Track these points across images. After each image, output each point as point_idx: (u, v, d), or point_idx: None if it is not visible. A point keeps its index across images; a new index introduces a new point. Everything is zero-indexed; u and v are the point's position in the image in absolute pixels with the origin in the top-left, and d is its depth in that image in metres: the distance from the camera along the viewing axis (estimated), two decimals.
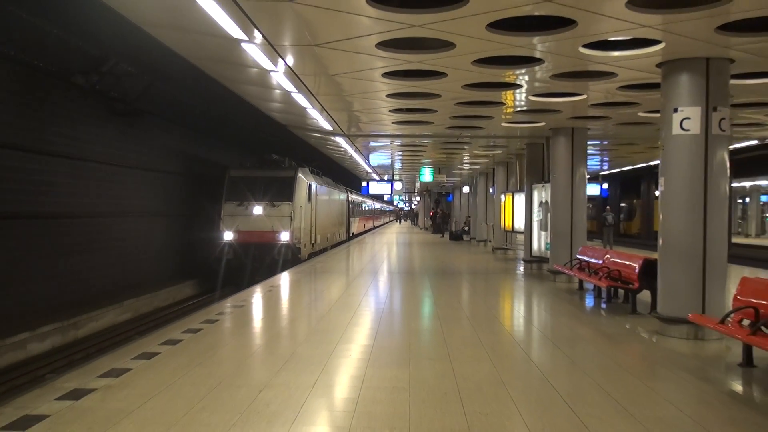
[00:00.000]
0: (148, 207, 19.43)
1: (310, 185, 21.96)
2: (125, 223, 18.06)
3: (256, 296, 11.21)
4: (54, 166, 14.46)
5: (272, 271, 17.21)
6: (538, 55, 7.90)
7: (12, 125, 13.08)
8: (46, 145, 14.12)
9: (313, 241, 22.66)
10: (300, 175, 20.94)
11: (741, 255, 25.62)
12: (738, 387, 5.79)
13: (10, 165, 13.03)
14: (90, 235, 16.03)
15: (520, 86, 9.92)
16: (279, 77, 9.52)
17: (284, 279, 14.05)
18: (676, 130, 7.67)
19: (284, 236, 19.55)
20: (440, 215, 42.58)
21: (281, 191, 20.14)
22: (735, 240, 34.14)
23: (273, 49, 7.83)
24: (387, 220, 78.35)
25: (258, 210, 19.78)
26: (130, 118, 17.73)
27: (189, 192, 22.49)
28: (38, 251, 13.94)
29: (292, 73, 9.20)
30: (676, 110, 7.68)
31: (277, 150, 22.55)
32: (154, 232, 19.92)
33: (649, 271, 9.05)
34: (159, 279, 19.46)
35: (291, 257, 19.42)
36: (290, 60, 8.45)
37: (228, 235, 19.60)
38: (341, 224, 32.03)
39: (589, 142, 14.79)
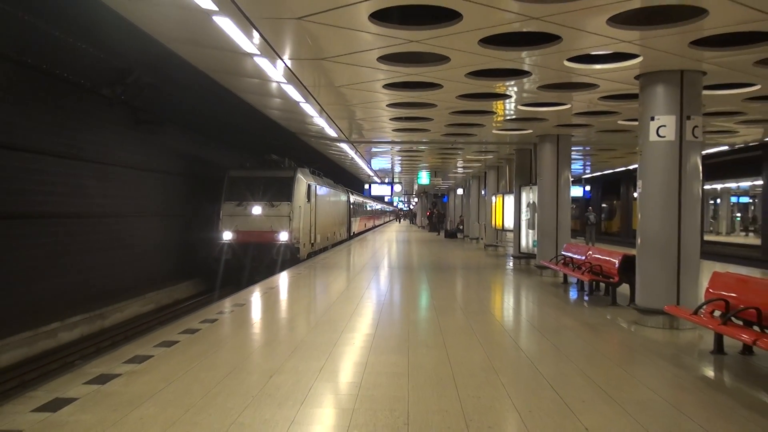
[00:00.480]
0: (166, 208, 19.25)
1: (309, 185, 20.47)
2: (148, 223, 18.02)
3: (266, 291, 11.21)
4: (84, 170, 14.51)
5: (271, 270, 16.04)
6: (526, 68, 7.91)
7: (48, 133, 13.14)
8: (79, 152, 14.18)
9: (312, 241, 21.13)
10: (299, 175, 19.48)
11: (713, 251, 25.65)
12: (710, 373, 5.80)
13: (47, 169, 13.12)
14: (113, 234, 16.05)
15: (510, 96, 9.92)
16: (288, 88, 9.53)
17: (290, 275, 14.04)
18: (652, 136, 7.68)
19: (283, 236, 18.10)
20: (436, 215, 42.56)
21: (280, 191, 18.68)
22: (707, 238, 34.18)
23: (283, 63, 7.84)
24: (387, 219, 77.33)
25: (257, 210, 18.37)
26: (151, 126, 17.72)
27: (204, 193, 21.92)
28: (72, 247, 14.04)
29: (300, 85, 9.21)
30: (652, 118, 7.69)
31: (284, 155, 21.69)
32: (170, 231, 19.66)
33: (628, 266, 9.07)
34: (174, 276, 19.31)
35: (290, 257, 17.93)
36: (299, 72, 8.45)
37: (227, 235, 18.16)
38: (342, 224, 30.36)
39: (572, 148, 14.79)
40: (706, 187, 40.76)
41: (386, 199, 64.40)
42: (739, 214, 49.98)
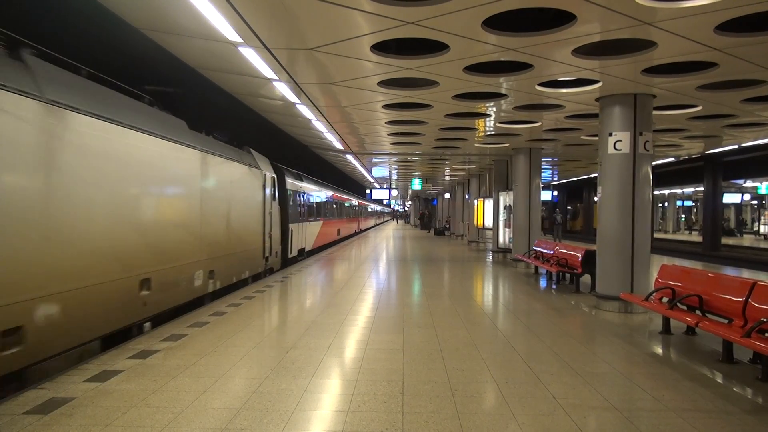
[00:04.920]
0: None
1: None
2: None
3: (283, 281, 11.17)
4: None
5: None
6: (503, 91, 7.91)
7: None
8: None
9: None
10: None
11: (661, 247, 25.66)
12: (658, 350, 5.80)
13: None
14: None
15: (489, 115, 9.92)
16: (303, 109, 9.52)
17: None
18: (610, 149, 7.69)
19: None
20: (427, 216, 42.58)
21: None
22: (656, 235, 34.20)
23: (298, 87, 7.84)
24: (383, 220, 71.10)
25: None
26: None
27: None
28: None
29: (312, 105, 9.20)
30: (610, 134, 7.70)
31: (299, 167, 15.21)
32: None
33: (589, 259, 9.08)
34: None
35: None
36: (312, 95, 8.45)
37: None
38: (245, 239, 10.77)
39: (542, 159, 14.81)
40: (656, 192, 40.79)
41: (384, 201, 63.55)
42: (683, 216, 50.04)
